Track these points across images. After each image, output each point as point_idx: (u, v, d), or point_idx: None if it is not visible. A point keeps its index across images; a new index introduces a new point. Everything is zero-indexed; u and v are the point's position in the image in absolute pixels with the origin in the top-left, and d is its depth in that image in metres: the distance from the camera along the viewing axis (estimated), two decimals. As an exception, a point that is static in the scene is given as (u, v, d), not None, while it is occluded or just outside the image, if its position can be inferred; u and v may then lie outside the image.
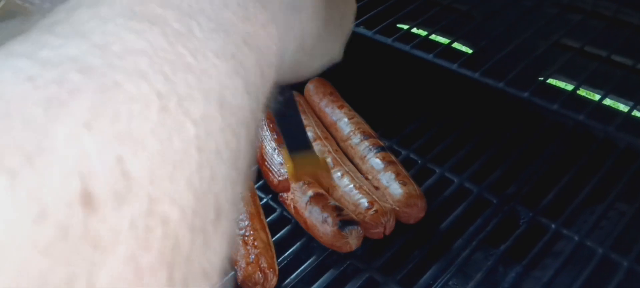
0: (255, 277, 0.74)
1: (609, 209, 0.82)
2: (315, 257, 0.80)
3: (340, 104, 0.98)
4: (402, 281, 0.76)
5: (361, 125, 0.93)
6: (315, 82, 1.04)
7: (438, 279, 0.76)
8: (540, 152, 0.91)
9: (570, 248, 0.77)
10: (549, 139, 0.94)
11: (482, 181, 0.88)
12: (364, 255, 0.79)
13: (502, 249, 0.78)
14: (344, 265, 0.79)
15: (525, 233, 0.80)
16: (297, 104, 0.69)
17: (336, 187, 0.83)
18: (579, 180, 0.86)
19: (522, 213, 0.83)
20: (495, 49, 0.78)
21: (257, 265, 0.75)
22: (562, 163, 0.89)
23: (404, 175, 0.84)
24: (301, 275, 0.78)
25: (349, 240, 0.76)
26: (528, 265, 0.76)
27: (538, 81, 0.71)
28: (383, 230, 0.78)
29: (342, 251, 0.77)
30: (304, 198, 0.81)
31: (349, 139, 0.91)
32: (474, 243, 0.79)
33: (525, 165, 0.90)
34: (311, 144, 0.78)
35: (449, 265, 0.77)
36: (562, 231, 0.79)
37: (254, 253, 0.76)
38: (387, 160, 0.85)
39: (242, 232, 0.78)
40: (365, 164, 0.87)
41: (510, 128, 0.96)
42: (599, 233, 0.79)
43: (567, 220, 0.80)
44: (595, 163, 0.88)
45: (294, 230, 0.85)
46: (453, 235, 0.81)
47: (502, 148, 0.93)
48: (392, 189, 0.81)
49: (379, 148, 0.88)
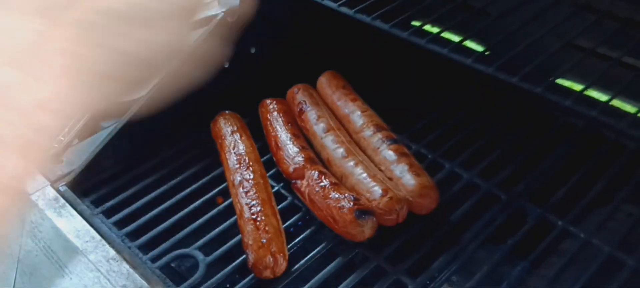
0: (266, 260, 0.75)
1: (616, 210, 0.83)
2: (324, 244, 0.81)
3: (353, 97, 1.00)
4: (408, 271, 0.77)
5: (374, 118, 0.95)
6: (328, 75, 1.05)
7: (443, 271, 0.77)
8: (550, 152, 0.92)
9: (576, 246, 0.78)
10: (559, 138, 0.95)
11: (491, 177, 0.89)
12: (372, 244, 0.80)
13: (509, 244, 0.79)
14: (353, 254, 0.80)
15: (532, 230, 0.81)
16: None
17: (350, 176, 0.84)
18: (588, 180, 0.87)
19: (529, 210, 0.84)
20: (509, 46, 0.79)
21: (268, 250, 0.76)
22: (572, 163, 0.90)
23: (417, 166, 0.85)
24: (310, 262, 0.80)
25: (364, 229, 0.77)
26: (534, 261, 0.77)
27: (548, 80, 0.72)
28: (396, 218, 0.79)
29: (355, 240, 0.79)
30: (319, 186, 0.82)
31: (362, 131, 0.93)
32: (482, 238, 0.80)
33: (534, 164, 0.91)
34: None
35: (456, 258, 0.78)
36: (569, 229, 0.80)
37: (265, 237, 0.77)
38: (400, 152, 0.87)
39: (254, 216, 0.80)
40: (378, 156, 0.88)
41: (521, 126, 0.97)
42: (606, 233, 0.80)
43: (574, 218, 0.81)
44: (604, 164, 0.89)
45: (304, 218, 0.87)
46: (461, 229, 0.82)
47: (512, 146, 0.94)
48: (405, 180, 0.82)
49: (392, 141, 0.89)
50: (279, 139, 0.93)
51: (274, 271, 0.76)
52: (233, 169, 0.88)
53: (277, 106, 1.00)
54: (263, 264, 0.75)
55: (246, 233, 0.79)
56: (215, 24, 0.98)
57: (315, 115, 0.96)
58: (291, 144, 0.91)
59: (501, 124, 0.98)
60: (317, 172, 0.85)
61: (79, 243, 0.80)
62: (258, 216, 0.80)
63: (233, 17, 1.01)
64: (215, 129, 0.98)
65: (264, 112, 1.00)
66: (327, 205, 0.80)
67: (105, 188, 0.91)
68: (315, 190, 0.83)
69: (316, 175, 0.84)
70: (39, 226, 0.86)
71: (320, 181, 0.83)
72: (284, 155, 0.90)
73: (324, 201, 0.81)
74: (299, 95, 1.01)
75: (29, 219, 0.88)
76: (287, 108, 1.01)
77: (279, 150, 0.92)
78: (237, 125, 0.97)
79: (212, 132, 0.99)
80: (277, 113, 0.98)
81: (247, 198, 0.83)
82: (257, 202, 0.82)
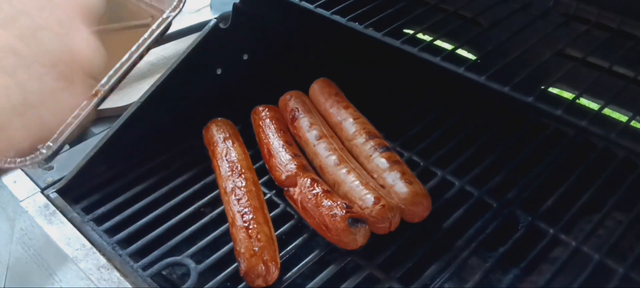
0: (258, 269, 0.75)
1: (606, 218, 0.84)
2: (316, 252, 0.81)
3: (346, 104, 1.00)
4: (401, 279, 0.78)
5: (366, 125, 0.95)
6: (321, 82, 1.06)
7: (436, 279, 0.77)
8: (541, 160, 0.93)
9: (567, 254, 0.79)
10: (549, 146, 0.95)
11: (483, 185, 0.89)
12: (365, 252, 0.80)
13: (500, 252, 0.80)
14: (345, 261, 0.80)
15: (523, 237, 0.82)
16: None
17: (342, 183, 0.84)
18: (578, 188, 0.87)
19: (521, 217, 0.85)
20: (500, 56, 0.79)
21: (260, 258, 0.76)
22: (562, 171, 0.91)
23: (410, 174, 0.85)
24: (302, 270, 0.80)
25: (356, 237, 0.77)
26: (525, 269, 0.78)
27: (540, 89, 0.73)
28: (389, 226, 0.79)
29: (347, 248, 0.79)
30: (311, 194, 0.82)
31: (354, 139, 0.93)
32: (474, 245, 0.81)
33: (525, 171, 0.91)
34: None
35: (448, 266, 0.78)
36: (560, 236, 0.81)
37: (258, 246, 0.77)
38: (393, 160, 0.87)
39: (246, 224, 0.80)
40: (371, 163, 0.88)
41: (512, 135, 0.98)
42: (596, 240, 0.81)
43: (565, 226, 0.82)
44: (594, 172, 0.89)
45: (297, 226, 0.86)
46: (453, 237, 0.82)
47: (503, 154, 0.95)
48: (398, 188, 0.83)
49: (384, 148, 0.89)
50: (271, 146, 0.93)
51: (266, 279, 0.76)
52: (225, 176, 0.88)
53: (270, 113, 1.00)
54: (255, 273, 0.75)
55: (238, 241, 0.79)
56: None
57: (307, 122, 0.96)
58: (283, 151, 0.91)
59: (492, 132, 0.99)
60: (309, 179, 0.85)
61: (69, 251, 0.80)
62: (250, 224, 0.80)
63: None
64: (208, 136, 0.98)
65: (257, 119, 1.00)
66: (319, 213, 0.80)
67: (96, 195, 0.90)
68: (307, 197, 0.83)
69: (308, 182, 0.84)
70: (29, 233, 0.86)
71: (313, 189, 0.83)
72: (276, 163, 0.90)
73: (317, 209, 0.81)
74: (291, 102, 1.01)
75: (18, 226, 0.87)
76: (280, 115, 1.01)
77: (271, 158, 0.92)
78: (230, 132, 0.97)
79: (204, 138, 0.99)
80: (270, 120, 0.98)
81: (239, 205, 0.82)
82: (249, 209, 0.82)
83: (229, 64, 1.04)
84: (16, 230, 0.87)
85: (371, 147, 0.90)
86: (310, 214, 0.82)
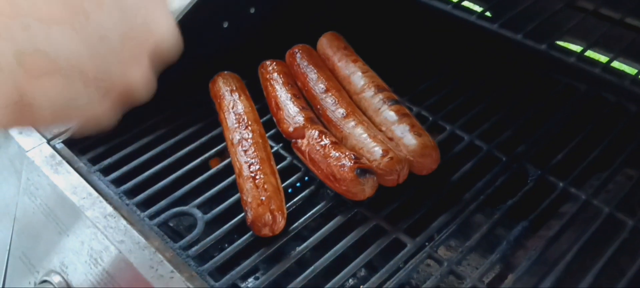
0: (265, 218, 0.75)
1: (616, 173, 0.83)
2: (323, 203, 0.81)
3: (354, 58, 0.98)
4: (407, 230, 0.77)
5: (375, 79, 0.93)
6: (329, 35, 1.04)
7: (442, 231, 0.77)
8: (551, 115, 0.92)
9: (576, 208, 0.78)
10: (560, 102, 0.94)
11: (492, 139, 0.88)
12: (372, 205, 0.80)
13: (508, 205, 0.79)
14: (352, 213, 0.80)
15: (532, 191, 0.81)
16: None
17: (350, 136, 0.84)
18: (588, 143, 0.86)
19: (530, 171, 0.84)
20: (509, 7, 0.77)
21: (267, 207, 0.76)
22: (572, 126, 0.89)
23: (418, 127, 0.84)
24: (309, 221, 0.79)
25: (364, 187, 0.77)
26: (534, 221, 0.77)
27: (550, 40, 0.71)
28: (397, 178, 0.78)
29: (355, 198, 0.78)
30: (319, 145, 0.81)
31: (363, 92, 0.92)
32: (482, 198, 0.80)
33: (536, 126, 0.90)
34: None
35: (455, 218, 0.78)
36: (570, 190, 0.80)
37: (264, 195, 0.77)
38: (401, 113, 0.86)
39: (253, 174, 0.79)
40: (379, 116, 0.87)
41: (523, 89, 0.96)
42: (606, 195, 0.80)
43: (575, 180, 0.81)
44: (605, 127, 0.88)
45: (303, 178, 0.86)
46: (461, 190, 0.81)
47: (513, 108, 0.93)
48: (407, 140, 0.82)
49: (393, 101, 0.88)
50: (279, 99, 0.92)
51: (272, 229, 0.76)
52: (232, 128, 0.88)
53: (277, 67, 0.99)
54: (262, 221, 0.75)
55: (245, 191, 0.78)
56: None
57: (315, 76, 0.95)
58: (291, 104, 0.90)
59: (503, 88, 0.97)
60: (317, 131, 0.84)
61: (75, 200, 0.80)
62: (257, 174, 0.79)
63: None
64: (214, 89, 0.97)
65: (264, 73, 0.99)
66: (327, 163, 0.79)
67: (102, 146, 0.90)
68: (315, 149, 0.82)
69: (316, 134, 0.83)
70: (36, 183, 0.86)
71: (321, 140, 0.82)
72: (284, 115, 0.90)
73: (325, 160, 0.80)
74: (298, 55, 1.00)
75: (25, 177, 0.87)
76: (287, 69, 1.00)
77: (279, 110, 0.91)
78: (236, 85, 0.96)
79: (211, 92, 0.98)
80: (277, 74, 0.97)
81: (246, 156, 0.82)
82: (256, 160, 0.81)
83: (236, 17, 1.02)
84: (23, 180, 0.87)
85: (380, 100, 0.89)
86: (318, 165, 0.81)
